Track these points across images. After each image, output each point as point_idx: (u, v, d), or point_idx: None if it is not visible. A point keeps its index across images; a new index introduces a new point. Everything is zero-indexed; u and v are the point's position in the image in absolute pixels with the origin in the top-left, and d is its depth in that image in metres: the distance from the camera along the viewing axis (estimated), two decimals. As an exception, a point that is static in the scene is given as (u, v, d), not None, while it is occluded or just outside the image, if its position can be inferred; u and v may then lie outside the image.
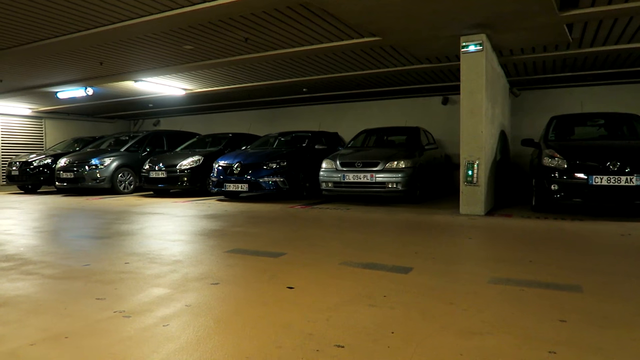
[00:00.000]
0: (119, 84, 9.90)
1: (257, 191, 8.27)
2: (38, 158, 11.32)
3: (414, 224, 5.53)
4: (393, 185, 7.24)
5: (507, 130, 9.05)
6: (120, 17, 5.57)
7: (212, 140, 10.89)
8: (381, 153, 7.75)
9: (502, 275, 3.03)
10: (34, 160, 11.23)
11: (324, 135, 10.25)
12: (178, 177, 9.26)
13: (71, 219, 6.43)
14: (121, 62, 7.90)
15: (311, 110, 13.17)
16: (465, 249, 4.14)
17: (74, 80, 9.51)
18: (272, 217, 6.21)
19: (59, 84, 9.78)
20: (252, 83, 9.90)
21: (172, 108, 13.85)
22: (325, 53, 7.34)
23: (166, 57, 7.57)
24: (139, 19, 5.60)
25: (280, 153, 8.64)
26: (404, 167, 7.31)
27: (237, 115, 14.46)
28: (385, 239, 4.59)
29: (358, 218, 6.06)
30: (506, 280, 2.90)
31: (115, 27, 5.84)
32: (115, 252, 3.93)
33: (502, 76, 8.48)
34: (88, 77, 9.23)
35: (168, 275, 3.09)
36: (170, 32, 6.21)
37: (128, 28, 5.86)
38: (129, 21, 5.68)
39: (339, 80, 9.50)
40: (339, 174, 7.55)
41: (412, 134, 8.95)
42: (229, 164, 8.45)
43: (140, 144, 11.01)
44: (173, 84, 10.07)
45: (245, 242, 4.33)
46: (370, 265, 3.33)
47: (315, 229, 5.25)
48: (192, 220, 5.92)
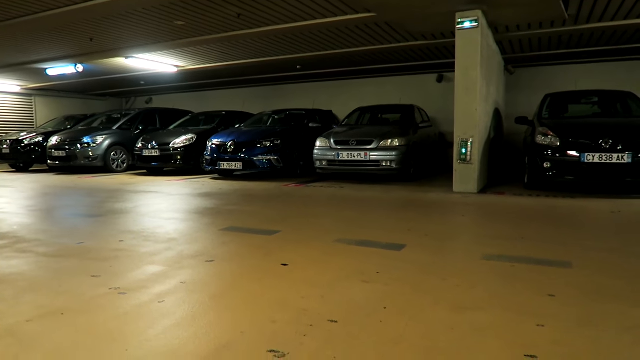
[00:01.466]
0: (109, 61, 9.74)
1: (251, 170, 8.26)
2: (29, 136, 11.19)
3: (408, 202, 5.55)
4: (387, 164, 7.25)
5: (501, 108, 9.03)
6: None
7: (206, 118, 10.79)
8: (375, 131, 7.73)
9: (494, 252, 3.07)
10: (25, 139, 11.11)
11: (318, 113, 10.19)
12: (171, 156, 9.21)
13: (64, 198, 6.40)
14: (111, 38, 7.75)
15: (305, 88, 13.04)
16: (458, 227, 4.17)
17: (64, 57, 9.34)
18: (267, 196, 6.21)
19: (48, 60, 9.60)
20: (245, 60, 9.77)
21: (164, 85, 13.67)
22: (319, 29, 7.23)
23: (157, 33, 7.43)
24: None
25: (274, 131, 8.60)
26: (398, 145, 7.31)
27: (230, 93, 14.30)
28: (379, 216, 4.61)
29: (352, 196, 6.08)
30: (498, 257, 2.94)
31: (105, 2, 5.71)
32: (110, 230, 3.93)
33: (498, 53, 8.42)
34: (78, 54, 9.06)
35: (163, 253, 3.11)
36: (160, 7, 6.08)
37: (117, 2, 5.73)
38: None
39: (333, 57, 9.39)
40: (333, 152, 7.53)
41: (406, 112, 8.91)
42: (223, 143, 8.41)
43: (132, 122, 10.90)
44: (165, 60, 9.92)
45: (240, 220, 4.34)
46: (364, 242, 3.36)
47: (310, 207, 5.27)
48: (186, 199, 5.92)
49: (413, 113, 8.75)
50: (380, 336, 1.81)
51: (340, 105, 11.77)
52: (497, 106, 8.34)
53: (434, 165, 9.64)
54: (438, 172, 9.35)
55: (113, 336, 1.83)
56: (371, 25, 7.08)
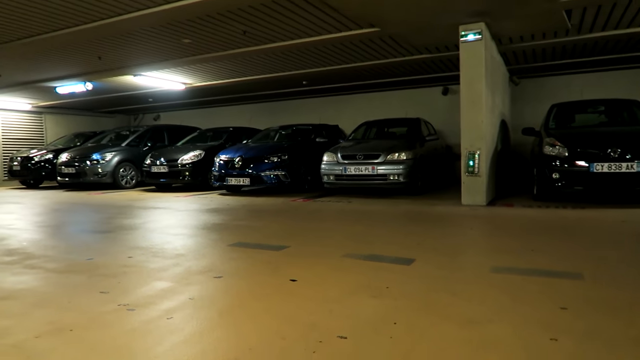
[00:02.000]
0: (118, 79, 9.87)
1: (258, 185, 8.28)
2: (39, 153, 11.33)
3: (416, 216, 5.53)
4: (394, 177, 7.24)
5: (507, 119, 9.01)
6: (117, 10, 5.54)
7: (213, 135, 10.88)
8: (382, 145, 7.73)
9: (504, 265, 3.04)
10: (35, 156, 11.24)
11: (324, 128, 10.23)
12: (179, 172, 9.26)
13: (73, 214, 6.45)
14: (120, 56, 7.87)
15: (311, 103, 13.12)
16: (468, 240, 4.14)
17: (73, 75, 9.49)
18: (274, 211, 6.21)
19: (58, 78, 9.76)
20: (251, 76, 9.86)
21: (172, 102, 13.82)
22: (324, 45, 7.30)
23: (165, 51, 7.54)
24: (136, 13, 5.57)
25: (281, 146, 8.63)
26: (405, 158, 7.30)
27: (237, 109, 14.41)
28: (387, 230, 4.59)
29: (360, 210, 6.06)
30: (508, 270, 2.91)
31: (113, 21, 5.81)
32: (118, 246, 3.94)
33: (502, 65, 8.44)
34: (87, 72, 9.20)
35: (171, 269, 3.10)
36: (168, 25, 6.18)
37: (126, 22, 5.83)
38: (126, 15, 5.65)
39: (339, 72, 9.45)
40: (340, 167, 7.54)
41: (412, 125, 8.93)
42: (230, 158, 8.45)
43: (141, 138, 11.00)
44: (172, 78, 10.04)
45: (248, 236, 4.33)
46: (372, 257, 3.34)
47: (318, 221, 5.26)
48: (194, 214, 5.93)
49: (419, 126, 8.75)
50: (390, 352, 1.78)
51: (347, 120, 11.82)
52: (503, 117, 8.32)
53: (441, 178, 9.60)
54: (446, 185, 9.30)
55: (121, 353, 1.83)
56: (376, 39, 7.14)
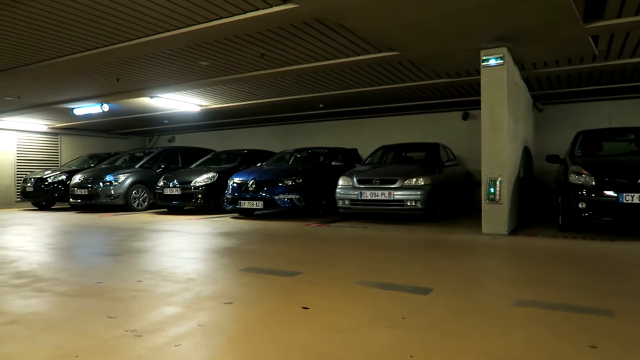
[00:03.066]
0: (134, 100, 10.12)
1: (272, 209, 8.30)
2: (53, 174, 11.57)
3: (434, 243, 5.47)
4: (412, 203, 7.20)
5: (530, 146, 8.94)
6: (137, 34, 5.72)
7: (227, 157, 11.01)
8: (399, 170, 7.73)
9: (527, 297, 2.97)
10: (48, 177, 11.49)
11: (340, 151, 10.28)
12: (192, 194, 9.36)
13: (84, 236, 6.53)
14: (137, 78, 8.10)
15: (328, 126, 13.23)
16: (488, 270, 4.07)
17: (90, 97, 9.76)
18: (288, 235, 6.21)
19: (75, 100, 10.05)
20: (267, 99, 10.02)
21: (187, 124, 14.07)
22: (341, 68, 7.40)
23: (182, 73, 7.73)
24: (155, 36, 5.75)
25: (295, 170, 8.69)
26: (423, 184, 7.27)
27: (252, 131, 14.60)
28: (403, 258, 4.54)
29: (376, 237, 6.02)
30: (532, 303, 2.84)
31: (132, 44, 6.00)
32: (128, 269, 3.96)
33: (525, 90, 8.42)
34: (104, 94, 9.47)
35: (181, 294, 3.10)
36: (186, 48, 6.35)
37: (144, 45, 6.01)
38: (145, 38, 5.83)
39: (356, 95, 9.55)
40: (356, 192, 7.54)
41: (431, 150, 8.91)
42: (244, 181, 8.52)
43: (154, 160, 11.19)
44: (188, 100, 10.25)
45: (260, 261, 4.33)
46: (388, 285, 3.30)
47: (332, 247, 5.23)
48: (206, 238, 5.96)
49: (438, 151, 8.73)
50: (407, 387, 1.74)
51: (364, 144, 11.85)
52: (526, 144, 8.26)
53: (461, 205, 9.50)
54: (465, 213, 9.20)
55: (127, 381, 1.81)
56: (394, 63, 7.21)
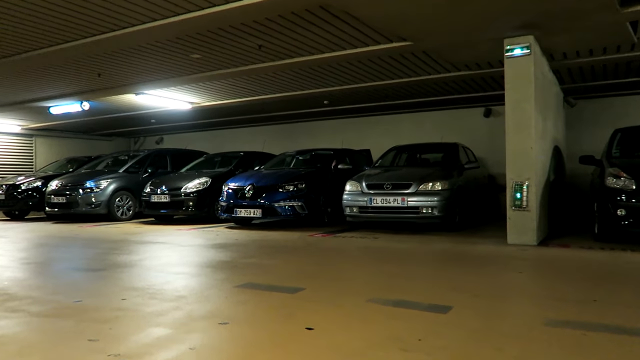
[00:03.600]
0: (118, 98, 10.18)
1: (271, 217, 8.31)
2: (27, 180, 11.62)
3: (453, 256, 5.46)
4: (428, 210, 7.20)
5: (561, 146, 8.92)
6: (120, 24, 5.76)
7: (222, 160, 11.04)
8: (414, 173, 7.74)
9: (559, 317, 2.96)
10: (22, 183, 11.54)
11: (348, 153, 10.30)
12: (183, 202, 9.39)
13: (62, 249, 6.55)
14: (121, 73, 8.15)
15: (333, 125, 13.25)
16: (515, 285, 4.05)
17: (69, 94, 9.82)
18: (289, 247, 6.22)
19: (52, 97, 10.11)
20: (266, 95, 10.05)
21: (177, 124, 14.13)
22: (348, 60, 7.42)
23: (171, 67, 7.78)
24: (141, 26, 5.78)
25: (298, 174, 8.71)
26: (441, 189, 7.27)
27: (249, 131, 14.65)
28: (419, 272, 4.53)
29: (387, 248, 6.03)
30: (565, 323, 2.83)
31: (115, 35, 6.03)
32: (111, 286, 3.98)
33: (555, 83, 8.41)
34: (84, 90, 9.52)
35: (170, 313, 3.11)
36: (176, 39, 6.39)
37: (129, 36, 6.05)
38: (130, 28, 5.86)
39: (365, 91, 9.56)
40: (365, 198, 7.54)
41: (449, 151, 8.92)
42: (240, 187, 8.55)
43: (140, 164, 11.24)
44: (178, 97, 10.31)
45: (259, 276, 4.34)
46: (402, 303, 3.30)
47: (339, 260, 5.23)
48: (198, 251, 5.98)
49: (457, 152, 8.73)
50: (424, 418, 1.74)
51: (374, 144, 11.84)
52: (557, 144, 8.24)
53: (483, 212, 9.48)
54: (488, 221, 9.18)
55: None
56: (407, 55, 7.23)
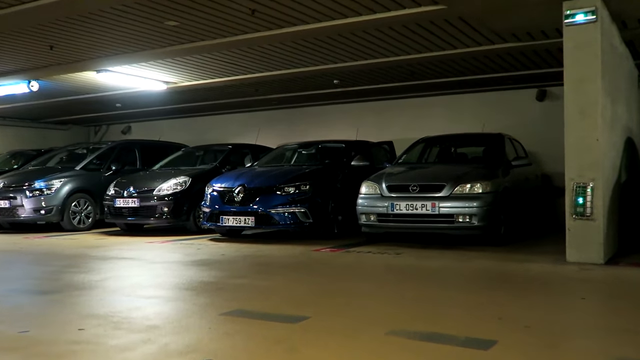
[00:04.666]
0: (74, 76, 10.20)
1: (267, 227, 8.32)
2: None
3: (497, 277, 5.44)
4: (465, 219, 7.17)
5: (636, 138, 8.86)
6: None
7: (204, 155, 11.06)
8: (448, 172, 7.72)
9: (632, 355, 2.94)
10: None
11: (364, 146, 10.27)
12: (155, 207, 9.38)
13: (3, 267, 6.57)
14: (78, 45, 8.15)
15: (346, 111, 13.22)
16: (576, 314, 4.04)
17: (14, 72, 9.84)
18: (290, 265, 6.22)
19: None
20: (261, 73, 10.04)
21: (148, 109, 14.14)
22: (365, 29, 7.40)
23: (141, 37, 7.78)
24: (104, -15, 5.81)
25: (300, 173, 8.70)
26: (481, 192, 7.23)
27: (239, 119, 14.65)
28: (453, 297, 4.52)
29: (413, 267, 6.01)
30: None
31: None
32: (66, 313, 3.97)
33: (627, 58, 8.36)
34: (33, 67, 9.53)
35: (139, 348, 3.11)
36: (146, 2, 6.39)
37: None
38: (90, -12, 5.89)
39: (386, 68, 9.52)
40: (386, 203, 7.51)
41: (492, 144, 8.89)
42: (228, 189, 8.55)
43: (103, 159, 11.24)
44: (150, 75, 10.31)
45: (251, 301, 4.33)
46: (431, 336, 3.28)
47: (352, 282, 5.22)
48: (174, 269, 5.98)
49: (502, 145, 8.69)
50: None
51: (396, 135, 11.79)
52: (630, 134, 8.19)
53: (535, 221, 9.42)
54: (542, 232, 9.14)
55: None
56: (439, 22, 7.20)
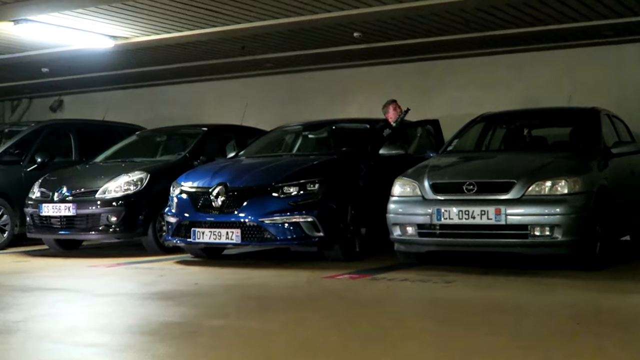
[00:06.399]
0: (-18, 29, 10.25)
1: (259, 244, 8.37)
2: None
3: (594, 317, 5.40)
4: (544, 232, 7.13)
5: None
6: None
7: (169, 141, 11.12)
8: (518, 164, 7.75)
9: None
10: None
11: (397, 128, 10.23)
12: (99, 216, 9.39)
13: None
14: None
15: (370, 76, 13.28)
16: None
17: None
18: (292, 299, 6.23)
19: None
20: (250, 24, 10.07)
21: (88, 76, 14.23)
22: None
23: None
24: None
25: (307, 166, 8.72)
26: (569, 192, 7.18)
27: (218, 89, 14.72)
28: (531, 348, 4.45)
29: (472, 301, 6.01)
30: None
31: None
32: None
33: None
34: None
35: None
36: None
37: None
38: None
39: (429, 14, 9.57)
40: (430, 209, 7.48)
41: (583, 124, 8.95)
42: (203, 189, 8.56)
43: (23, 148, 11.29)
44: (91, 27, 10.31)
45: (236, 353, 4.30)
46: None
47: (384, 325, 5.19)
48: (126, 304, 5.99)
49: (599, 126, 8.66)
50: None
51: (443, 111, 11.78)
52: None
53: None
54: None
55: None
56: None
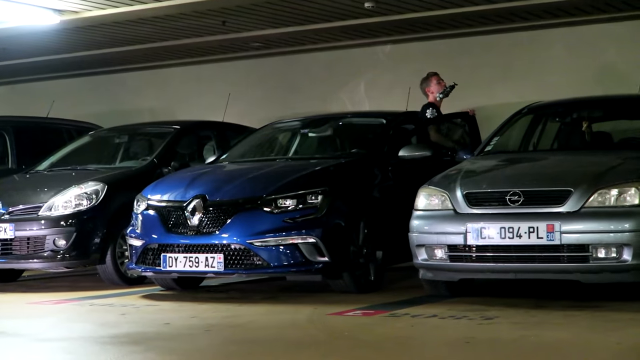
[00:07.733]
0: None
1: (247, 272, 8.45)
2: None
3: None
4: (609, 253, 7.17)
5: None
6: None
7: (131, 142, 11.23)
8: (576, 167, 7.84)
9: None
10: None
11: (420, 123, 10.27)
12: (43, 239, 9.45)
13: None
14: None
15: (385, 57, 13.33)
16: None
17: None
18: (290, 343, 6.26)
19: None
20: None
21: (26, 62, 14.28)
22: None
23: None
24: None
25: (307, 173, 8.82)
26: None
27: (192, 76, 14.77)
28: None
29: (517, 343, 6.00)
30: None
31: None
32: None
33: None
34: None
35: None
36: None
37: None
38: None
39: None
40: (463, 226, 7.56)
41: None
42: (176, 203, 8.64)
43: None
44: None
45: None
46: None
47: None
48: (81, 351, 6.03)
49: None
50: None
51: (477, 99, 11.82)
52: None
53: None
54: None
55: None
56: None
